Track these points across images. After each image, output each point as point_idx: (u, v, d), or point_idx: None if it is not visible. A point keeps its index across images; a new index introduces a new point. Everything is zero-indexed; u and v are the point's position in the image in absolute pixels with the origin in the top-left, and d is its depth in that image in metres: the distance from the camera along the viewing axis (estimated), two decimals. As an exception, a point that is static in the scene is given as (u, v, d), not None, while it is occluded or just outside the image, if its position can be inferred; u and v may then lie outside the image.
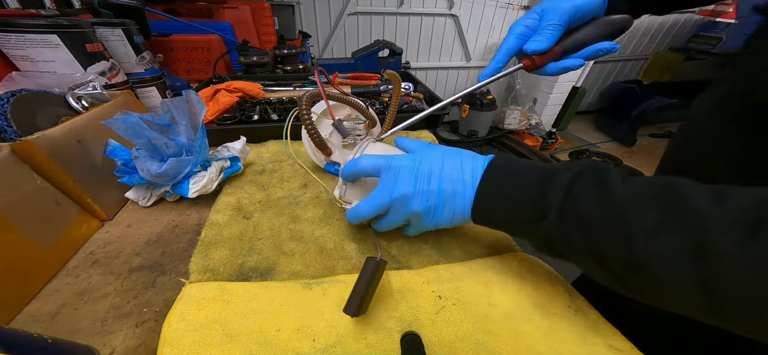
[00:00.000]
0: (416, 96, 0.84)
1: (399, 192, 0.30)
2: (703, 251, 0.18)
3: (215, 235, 0.39)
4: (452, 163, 0.30)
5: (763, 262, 0.16)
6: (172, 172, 0.41)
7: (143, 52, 0.68)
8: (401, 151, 0.36)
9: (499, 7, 2.33)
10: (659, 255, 0.19)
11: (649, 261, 0.19)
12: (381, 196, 0.31)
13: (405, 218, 0.32)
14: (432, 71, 2.56)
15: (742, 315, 0.18)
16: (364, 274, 0.29)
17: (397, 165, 0.30)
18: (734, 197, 0.19)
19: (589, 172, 0.24)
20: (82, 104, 0.45)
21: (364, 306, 0.29)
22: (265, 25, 1.21)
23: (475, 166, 0.29)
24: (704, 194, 0.19)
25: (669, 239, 0.19)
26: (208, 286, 0.32)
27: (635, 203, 0.21)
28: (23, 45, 0.48)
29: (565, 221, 0.24)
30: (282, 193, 0.48)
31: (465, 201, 0.29)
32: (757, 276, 0.16)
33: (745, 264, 0.17)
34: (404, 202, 0.30)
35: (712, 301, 0.18)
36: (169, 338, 0.27)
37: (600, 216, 0.22)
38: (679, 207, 0.19)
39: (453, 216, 0.30)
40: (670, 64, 2.68)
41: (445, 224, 0.31)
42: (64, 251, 0.36)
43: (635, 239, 0.20)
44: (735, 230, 0.17)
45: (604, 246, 0.22)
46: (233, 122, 0.65)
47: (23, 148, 0.33)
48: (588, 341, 0.29)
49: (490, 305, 0.32)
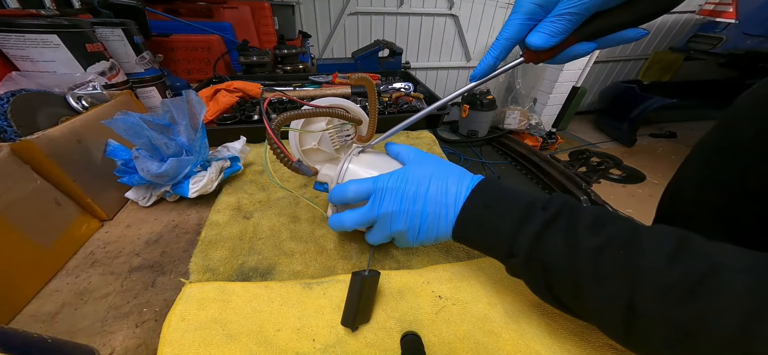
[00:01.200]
0: (416, 96, 0.83)
1: (384, 210, 0.30)
2: (631, 308, 0.21)
3: (215, 235, 0.39)
4: (437, 186, 0.30)
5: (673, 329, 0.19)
6: (172, 172, 0.41)
7: (143, 52, 0.68)
8: (391, 160, 0.36)
9: (499, 7, 2.33)
10: (597, 306, 0.23)
11: (590, 309, 0.23)
12: (366, 212, 0.31)
13: (389, 235, 0.32)
14: (432, 71, 2.55)
15: None
16: (352, 289, 0.29)
17: (383, 187, 0.31)
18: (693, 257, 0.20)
19: (562, 218, 0.25)
20: (82, 104, 0.45)
21: (361, 317, 0.29)
22: (265, 25, 1.21)
23: (459, 190, 0.29)
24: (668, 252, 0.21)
25: (607, 294, 0.22)
26: (208, 286, 0.32)
27: (594, 258, 0.23)
28: (23, 45, 0.48)
29: (531, 264, 0.25)
30: (282, 193, 0.48)
31: (447, 224, 0.29)
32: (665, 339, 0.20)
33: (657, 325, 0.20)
34: (389, 220, 0.31)
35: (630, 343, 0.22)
36: (169, 338, 0.27)
37: (561, 267, 0.24)
38: (632, 264, 0.21)
39: (437, 236, 0.30)
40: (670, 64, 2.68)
41: (430, 243, 0.32)
42: (64, 251, 0.36)
43: (583, 290, 0.23)
44: (666, 293, 0.19)
45: (559, 291, 0.25)
46: (233, 122, 0.65)
47: (23, 148, 0.33)
48: (588, 341, 0.29)
49: (490, 305, 0.32)
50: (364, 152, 0.37)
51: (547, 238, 0.25)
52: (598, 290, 0.22)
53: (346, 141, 0.41)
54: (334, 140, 0.39)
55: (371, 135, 0.40)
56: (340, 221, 0.33)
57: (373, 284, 0.31)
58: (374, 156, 0.37)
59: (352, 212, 0.32)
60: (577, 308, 0.25)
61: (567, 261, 0.23)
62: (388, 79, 0.97)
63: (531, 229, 0.25)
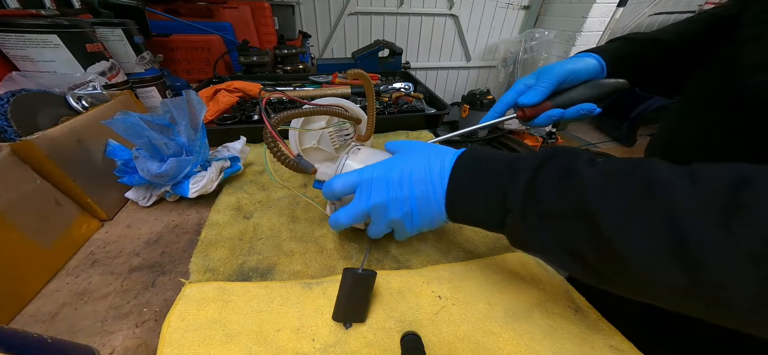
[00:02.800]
0: (416, 96, 0.83)
1: (374, 201, 0.30)
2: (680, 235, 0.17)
3: (215, 235, 0.39)
4: (421, 167, 0.29)
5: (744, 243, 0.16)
6: (172, 172, 0.41)
7: (143, 52, 0.68)
8: (388, 155, 0.35)
9: (499, 7, 2.33)
10: (633, 239, 0.18)
11: (623, 250, 0.19)
12: (357, 206, 0.31)
13: (387, 226, 0.32)
14: (432, 71, 2.55)
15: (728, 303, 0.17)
16: (342, 284, 0.29)
17: (368, 178, 0.30)
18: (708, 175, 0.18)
19: (553, 161, 0.23)
20: (82, 104, 0.45)
21: (353, 315, 0.29)
22: (265, 25, 1.21)
23: (443, 164, 0.28)
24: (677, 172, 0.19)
25: (643, 219, 0.18)
26: (208, 286, 0.32)
27: (604, 185, 0.20)
28: (23, 45, 0.48)
29: (529, 216, 0.23)
30: (282, 193, 0.48)
31: (437, 202, 0.28)
32: (739, 259, 0.16)
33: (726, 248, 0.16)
34: (381, 210, 0.30)
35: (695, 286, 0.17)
36: (169, 338, 0.27)
37: (564, 207, 0.21)
38: (652, 187, 0.18)
39: (431, 219, 0.30)
40: (670, 64, 2.68)
41: (427, 228, 0.31)
42: (64, 251, 0.36)
43: (605, 224, 0.19)
44: (710, 213, 0.17)
45: (572, 238, 0.21)
46: (233, 122, 0.65)
47: (23, 148, 0.33)
48: (588, 341, 0.29)
49: (490, 305, 0.32)
50: (362, 149, 0.37)
51: (540, 181, 0.23)
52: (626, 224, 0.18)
53: (346, 140, 0.41)
54: (334, 139, 0.39)
55: (370, 134, 0.41)
56: (337, 219, 0.33)
57: (367, 284, 0.30)
58: (372, 152, 0.37)
59: (345, 208, 0.32)
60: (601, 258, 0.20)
61: (571, 200, 0.21)
62: (388, 79, 0.97)
63: (522, 176, 0.24)
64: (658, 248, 0.18)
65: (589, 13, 1.97)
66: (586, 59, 0.39)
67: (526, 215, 0.23)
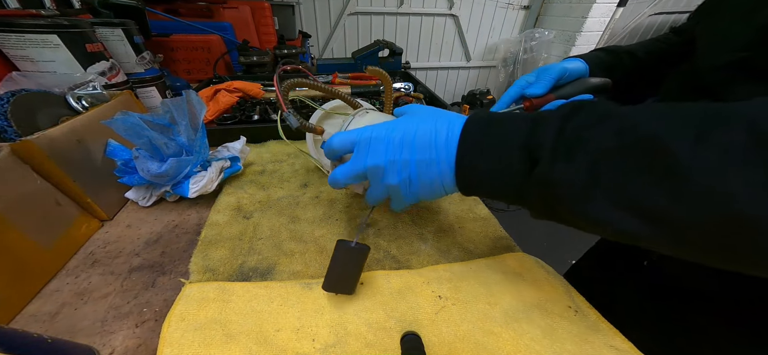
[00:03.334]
0: (416, 96, 0.83)
1: (371, 162, 0.28)
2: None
3: (215, 235, 0.39)
4: (426, 129, 0.27)
5: None
6: (172, 172, 0.41)
7: (143, 52, 0.68)
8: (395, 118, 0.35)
9: (499, 7, 2.33)
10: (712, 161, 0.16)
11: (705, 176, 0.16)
12: (354, 164, 0.29)
13: (384, 191, 0.30)
14: (432, 71, 2.55)
15: None
16: (334, 256, 0.30)
17: (368, 137, 0.29)
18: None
19: (582, 112, 0.21)
20: (82, 104, 0.45)
21: (341, 285, 0.30)
22: (265, 25, 1.21)
23: (451, 128, 0.26)
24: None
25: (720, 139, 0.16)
26: (208, 286, 0.32)
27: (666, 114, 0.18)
28: (23, 45, 0.48)
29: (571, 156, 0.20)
30: (282, 193, 0.48)
31: (443, 168, 0.26)
32: None
33: None
34: (378, 173, 0.28)
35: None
36: (169, 337, 0.27)
37: (614, 141, 0.18)
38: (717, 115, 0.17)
39: (432, 187, 0.28)
40: (670, 64, 2.68)
41: (426, 197, 0.29)
42: (64, 251, 0.36)
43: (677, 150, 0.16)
44: None
45: (626, 176, 0.18)
46: (233, 122, 0.65)
47: (23, 148, 0.33)
48: (588, 341, 0.29)
49: (490, 305, 0.32)
50: (371, 112, 0.39)
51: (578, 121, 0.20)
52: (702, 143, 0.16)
53: None
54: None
55: None
56: (334, 177, 0.31)
57: (359, 258, 0.31)
58: (380, 116, 0.38)
59: (343, 165, 0.31)
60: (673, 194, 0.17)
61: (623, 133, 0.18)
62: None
63: (553, 120, 0.21)
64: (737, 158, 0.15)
65: (589, 13, 1.97)
66: (575, 62, 0.45)
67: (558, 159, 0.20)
